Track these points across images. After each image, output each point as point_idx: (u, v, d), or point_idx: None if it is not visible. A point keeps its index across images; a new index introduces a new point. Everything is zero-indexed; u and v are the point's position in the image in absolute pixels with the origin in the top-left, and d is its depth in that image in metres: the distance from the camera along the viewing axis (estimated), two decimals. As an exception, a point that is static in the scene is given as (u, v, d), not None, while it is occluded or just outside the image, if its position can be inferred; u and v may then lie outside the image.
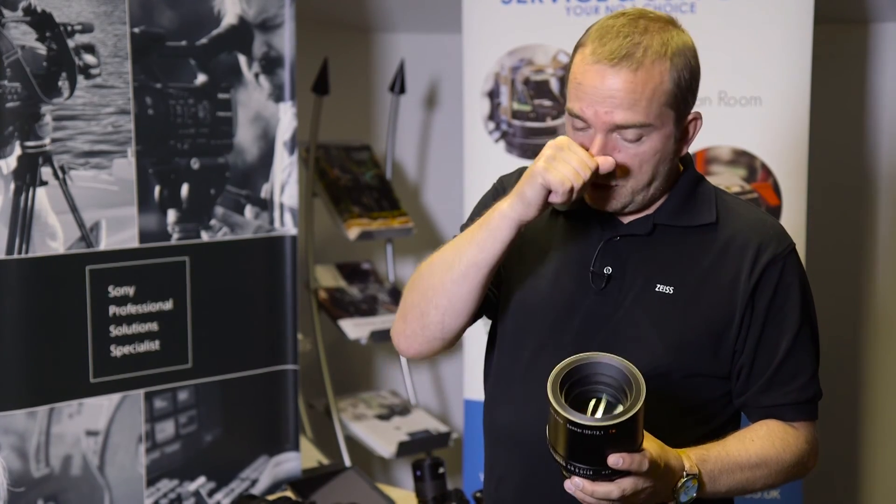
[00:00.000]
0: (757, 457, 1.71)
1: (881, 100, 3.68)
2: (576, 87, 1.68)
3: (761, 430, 1.75)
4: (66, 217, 2.52)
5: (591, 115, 1.66)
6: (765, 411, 1.77)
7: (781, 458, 1.73)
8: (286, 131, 2.89)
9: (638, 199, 1.72)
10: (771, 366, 1.74)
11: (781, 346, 1.74)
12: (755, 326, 1.73)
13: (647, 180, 1.71)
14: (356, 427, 3.57)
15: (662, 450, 1.59)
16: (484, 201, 1.91)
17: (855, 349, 3.79)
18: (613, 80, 1.63)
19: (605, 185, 1.70)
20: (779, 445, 1.73)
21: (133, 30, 2.60)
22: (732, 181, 3.09)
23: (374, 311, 3.65)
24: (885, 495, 3.81)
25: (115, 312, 2.62)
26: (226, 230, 2.81)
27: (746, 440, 1.73)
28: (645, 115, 1.65)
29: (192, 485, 2.79)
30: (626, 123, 1.65)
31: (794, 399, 1.76)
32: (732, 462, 1.68)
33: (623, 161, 1.67)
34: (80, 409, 2.58)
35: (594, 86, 1.65)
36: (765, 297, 1.73)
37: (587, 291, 1.75)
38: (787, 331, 1.75)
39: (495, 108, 3.26)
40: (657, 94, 1.65)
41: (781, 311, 1.74)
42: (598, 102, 1.65)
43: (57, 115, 2.50)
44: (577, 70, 1.68)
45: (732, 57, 3.03)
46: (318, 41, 3.66)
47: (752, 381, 1.76)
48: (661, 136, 1.68)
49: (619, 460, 1.51)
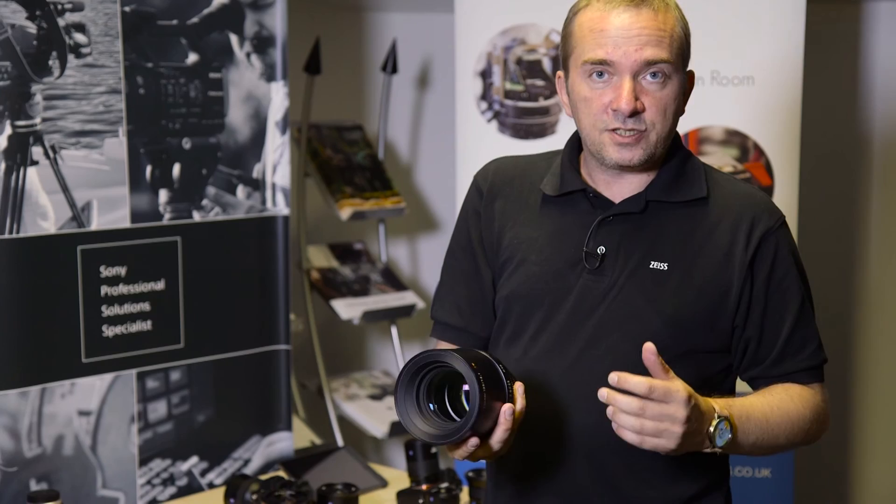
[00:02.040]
0: (779, 409, 1.72)
1: (873, 79, 3.68)
2: (596, 36, 1.68)
3: (778, 388, 1.77)
4: (57, 197, 2.52)
5: (621, 56, 1.67)
6: (777, 380, 1.78)
7: (802, 413, 1.75)
8: (278, 111, 2.89)
9: (659, 150, 1.73)
10: (780, 338, 1.76)
11: (787, 318, 1.76)
12: (757, 300, 1.74)
13: (670, 127, 1.72)
14: (348, 407, 3.58)
15: (692, 392, 1.58)
16: (466, 210, 1.92)
17: (847, 327, 3.81)
18: (640, 18, 1.67)
19: (635, 132, 1.70)
20: (798, 402, 1.75)
21: (124, 8, 2.58)
22: (725, 161, 3.09)
23: (366, 292, 3.65)
24: (875, 473, 3.83)
25: (106, 292, 2.61)
26: (218, 210, 2.80)
27: (767, 394, 1.75)
28: (669, 53, 1.68)
29: (184, 464, 2.79)
30: (656, 59, 1.67)
31: (805, 366, 1.78)
32: (757, 411, 1.69)
33: (651, 105, 1.69)
34: (73, 389, 2.58)
35: (620, 26, 1.67)
36: (764, 270, 1.74)
37: (581, 272, 1.76)
38: (791, 302, 1.76)
39: (488, 88, 3.25)
40: (675, 35, 1.69)
41: (783, 284, 1.75)
42: (626, 41, 1.66)
43: (47, 95, 2.48)
44: (593, 21, 1.69)
45: (725, 36, 3.02)
46: (310, 20, 3.65)
47: (762, 355, 1.77)
48: (678, 80, 1.71)
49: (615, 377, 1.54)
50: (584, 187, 1.79)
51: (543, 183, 1.83)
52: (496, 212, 1.86)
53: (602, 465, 1.75)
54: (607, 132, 1.70)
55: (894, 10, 3.61)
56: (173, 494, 2.77)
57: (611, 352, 1.72)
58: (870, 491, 3.84)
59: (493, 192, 1.87)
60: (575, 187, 1.79)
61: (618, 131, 1.69)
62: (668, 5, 1.70)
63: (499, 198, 1.87)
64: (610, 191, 1.78)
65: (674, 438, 1.56)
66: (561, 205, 1.81)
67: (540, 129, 3.22)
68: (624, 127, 1.69)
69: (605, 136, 1.71)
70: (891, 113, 3.66)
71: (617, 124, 1.69)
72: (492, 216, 1.86)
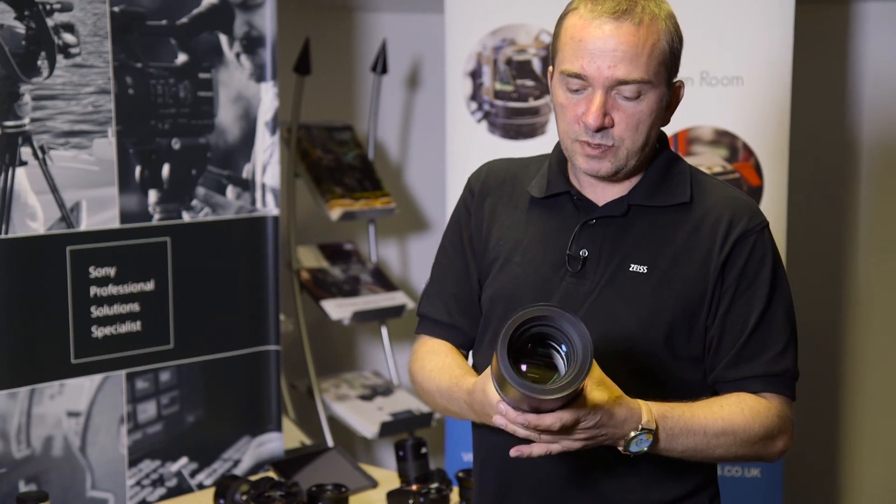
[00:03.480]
0: (724, 423, 1.69)
1: (862, 79, 3.69)
2: (574, 46, 1.67)
3: (731, 399, 1.73)
4: (46, 197, 2.51)
5: (594, 71, 1.66)
6: (734, 385, 1.75)
7: (749, 427, 1.71)
8: (268, 111, 2.88)
9: (631, 163, 1.72)
10: (739, 340, 1.73)
11: (750, 320, 1.74)
12: (724, 300, 1.73)
13: (643, 142, 1.71)
14: (339, 407, 3.57)
15: (615, 401, 1.58)
16: (458, 210, 1.93)
17: (836, 330, 3.81)
18: (617, 34, 1.64)
19: (602, 146, 1.70)
20: (748, 414, 1.71)
21: (113, 8, 2.58)
22: (714, 161, 3.09)
23: (356, 292, 3.65)
24: (864, 474, 3.84)
25: (96, 293, 2.61)
26: (207, 211, 2.80)
27: (715, 405, 1.71)
28: (645, 71, 1.66)
29: (174, 465, 2.79)
30: (628, 78, 1.65)
31: (762, 371, 1.74)
32: (696, 424, 1.67)
33: (621, 121, 1.68)
34: (62, 389, 2.57)
35: (596, 39, 1.65)
36: (734, 271, 1.73)
37: (564, 274, 1.76)
38: (755, 305, 1.74)
39: (478, 89, 3.26)
40: (656, 52, 1.66)
41: (751, 286, 1.74)
42: (600, 57, 1.65)
43: (36, 95, 2.48)
44: (575, 28, 1.68)
45: (714, 37, 3.03)
46: (300, 21, 3.65)
47: (721, 356, 1.75)
48: (656, 95, 1.69)
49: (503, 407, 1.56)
50: (568, 189, 1.79)
51: (531, 185, 1.84)
52: (486, 212, 1.87)
53: (583, 467, 1.75)
54: (578, 142, 1.71)
55: (883, 10, 3.62)
56: (163, 495, 2.77)
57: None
58: (858, 491, 3.85)
59: (485, 192, 1.88)
60: (560, 189, 1.80)
61: (587, 143, 1.70)
62: (656, 16, 1.67)
63: (490, 198, 1.88)
64: (594, 194, 1.78)
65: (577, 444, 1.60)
66: (547, 207, 1.81)
67: (530, 129, 3.22)
68: (592, 141, 1.69)
69: (575, 145, 1.72)
70: (879, 113, 3.67)
71: (586, 137, 1.69)
72: (482, 216, 1.87)
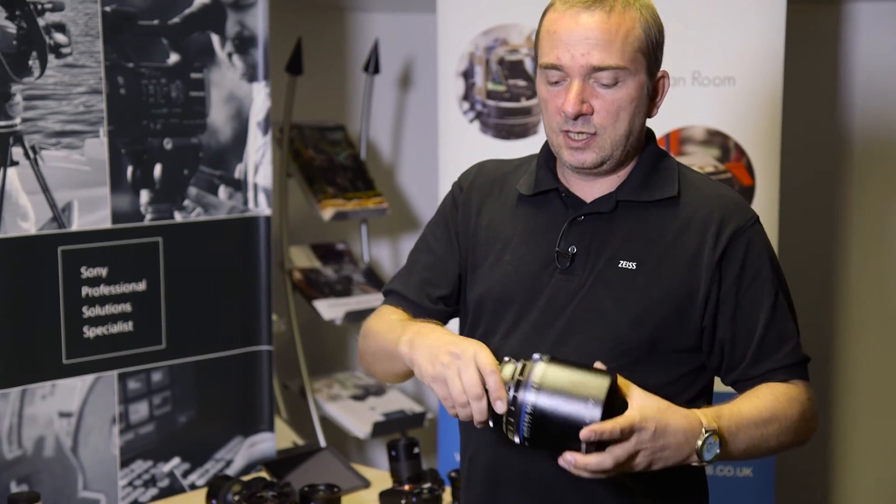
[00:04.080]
0: (768, 412, 1.70)
1: (854, 79, 3.70)
2: (550, 38, 1.69)
3: (764, 389, 1.75)
4: (37, 197, 2.50)
5: (568, 60, 1.67)
6: (758, 380, 1.77)
7: (789, 413, 1.73)
8: (260, 111, 2.88)
9: (616, 153, 1.73)
10: (754, 339, 1.75)
11: (760, 318, 1.75)
12: (728, 301, 1.74)
13: (625, 131, 1.71)
14: (331, 407, 3.57)
15: (660, 412, 1.57)
16: (445, 204, 1.93)
17: (827, 326, 3.82)
18: (588, 21, 1.66)
19: (584, 136, 1.70)
20: (783, 401, 1.73)
21: (104, 8, 2.58)
22: (706, 161, 3.09)
23: (348, 292, 3.65)
24: (856, 472, 3.84)
25: (87, 293, 2.60)
26: (199, 211, 2.80)
27: (753, 398, 1.73)
28: (620, 57, 1.67)
29: (166, 466, 2.79)
30: (603, 64, 1.66)
31: (785, 363, 1.76)
32: (746, 418, 1.68)
33: (601, 108, 1.69)
34: (53, 390, 2.57)
35: (569, 29, 1.67)
36: (733, 271, 1.74)
37: (553, 271, 1.76)
38: (763, 302, 1.75)
39: (470, 88, 3.26)
40: (630, 38, 1.68)
41: (754, 284, 1.75)
42: (573, 45, 1.67)
43: (28, 95, 2.47)
44: (550, 22, 1.71)
45: (706, 37, 3.03)
46: (292, 20, 3.64)
47: (738, 357, 1.76)
48: (635, 82, 1.70)
49: (591, 434, 1.51)
50: (556, 186, 1.80)
51: (520, 183, 1.84)
52: (473, 209, 1.87)
53: None
54: (562, 134, 1.72)
55: (874, 10, 3.63)
56: (155, 496, 2.77)
57: (578, 351, 1.71)
58: (850, 489, 3.85)
59: (474, 189, 1.89)
60: (548, 186, 1.80)
61: (569, 134, 1.71)
62: (629, 5, 1.69)
63: (478, 196, 1.88)
64: (582, 190, 1.79)
65: (646, 465, 1.57)
66: (535, 204, 1.82)
67: (522, 129, 3.22)
68: (573, 129, 1.70)
69: (560, 137, 1.73)
70: (870, 113, 3.67)
71: (567, 127, 1.70)
72: (469, 212, 1.87)
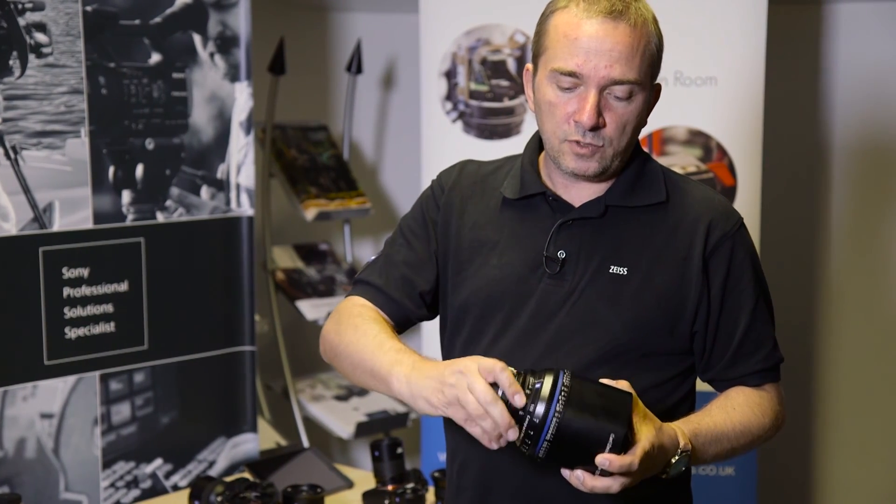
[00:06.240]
0: (741, 425, 1.75)
1: (834, 80, 3.71)
2: (569, 43, 1.66)
3: (739, 398, 1.78)
4: (18, 198, 2.49)
5: (590, 70, 1.65)
6: (733, 382, 1.81)
7: (762, 422, 1.79)
8: (242, 111, 2.87)
9: (615, 163, 1.73)
10: (733, 341, 1.77)
11: (741, 321, 1.77)
12: (714, 304, 1.75)
13: (627, 143, 1.72)
14: (314, 408, 3.57)
15: (657, 434, 1.60)
16: (424, 201, 1.91)
17: (809, 326, 3.84)
18: (614, 34, 1.65)
19: (592, 146, 1.70)
20: (758, 412, 1.78)
21: (85, 8, 2.57)
22: (688, 161, 3.10)
23: (331, 292, 3.64)
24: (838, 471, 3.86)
25: (69, 294, 2.59)
26: (181, 211, 2.79)
27: (729, 409, 1.77)
28: (638, 73, 1.67)
29: (148, 467, 2.78)
30: (623, 79, 1.66)
31: (760, 368, 1.80)
32: (720, 433, 1.73)
33: (611, 121, 1.68)
34: (35, 391, 2.56)
35: (594, 38, 1.65)
36: (720, 275, 1.75)
37: (542, 276, 1.76)
38: (745, 306, 1.77)
39: (452, 89, 3.26)
40: (647, 54, 1.68)
41: (738, 288, 1.76)
42: (597, 56, 1.65)
43: (8, 95, 2.46)
44: (569, 26, 1.67)
45: (688, 37, 3.04)
46: (274, 20, 3.64)
47: (716, 358, 1.78)
48: (643, 97, 1.70)
49: (607, 462, 1.53)
50: (543, 190, 1.79)
51: (504, 186, 1.83)
52: (455, 209, 1.85)
53: None
54: (567, 142, 1.70)
55: (855, 11, 3.64)
56: (137, 497, 2.76)
57: (572, 356, 1.71)
58: (832, 486, 3.87)
59: (456, 190, 1.87)
60: (535, 190, 1.79)
61: (577, 143, 1.70)
62: (646, 20, 1.68)
63: (461, 196, 1.86)
64: (569, 194, 1.78)
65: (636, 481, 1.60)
66: (521, 208, 1.81)
67: (505, 129, 3.23)
68: (583, 140, 1.69)
69: (564, 145, 1.71)
70: (851, 113, 3.69)
71: (577, 136, 1.69)
72: (450, 213, 1.85)
